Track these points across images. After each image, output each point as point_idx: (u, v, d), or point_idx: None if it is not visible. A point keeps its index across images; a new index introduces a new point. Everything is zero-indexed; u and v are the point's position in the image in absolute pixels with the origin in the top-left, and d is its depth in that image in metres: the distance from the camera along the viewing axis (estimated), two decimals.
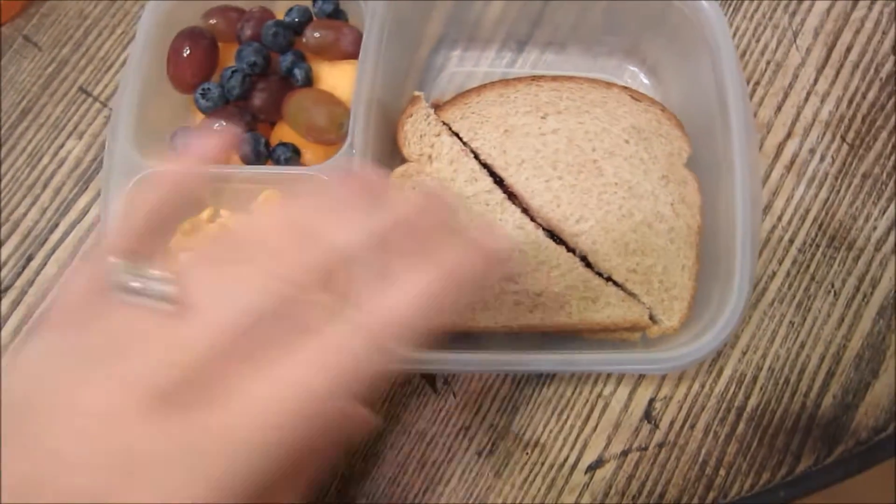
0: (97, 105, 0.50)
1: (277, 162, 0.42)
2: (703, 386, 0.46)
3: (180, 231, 0.42)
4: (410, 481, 0.44)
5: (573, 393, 0.46)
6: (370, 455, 0.45)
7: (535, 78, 0.43)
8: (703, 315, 0.40)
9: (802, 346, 0.46)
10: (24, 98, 0.50)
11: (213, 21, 0.44)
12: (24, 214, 0.48)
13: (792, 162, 0.48)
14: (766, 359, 0.46)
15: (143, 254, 0.23)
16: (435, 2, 0.47)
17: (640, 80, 0.48)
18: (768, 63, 0.50)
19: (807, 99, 0.49)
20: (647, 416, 0.45)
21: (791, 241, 0.47)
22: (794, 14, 0.51)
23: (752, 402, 0.45)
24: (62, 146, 0.49)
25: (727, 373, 0.46)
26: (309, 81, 0.43)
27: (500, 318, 0.41)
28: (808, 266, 0.47)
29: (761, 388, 0.45)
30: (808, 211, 0.48)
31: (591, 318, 0.40)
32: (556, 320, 0.40)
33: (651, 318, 0.41)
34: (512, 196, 0.42)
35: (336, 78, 0.43)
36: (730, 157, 0.39)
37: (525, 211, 0.42)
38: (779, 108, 0.49)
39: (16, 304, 0.47)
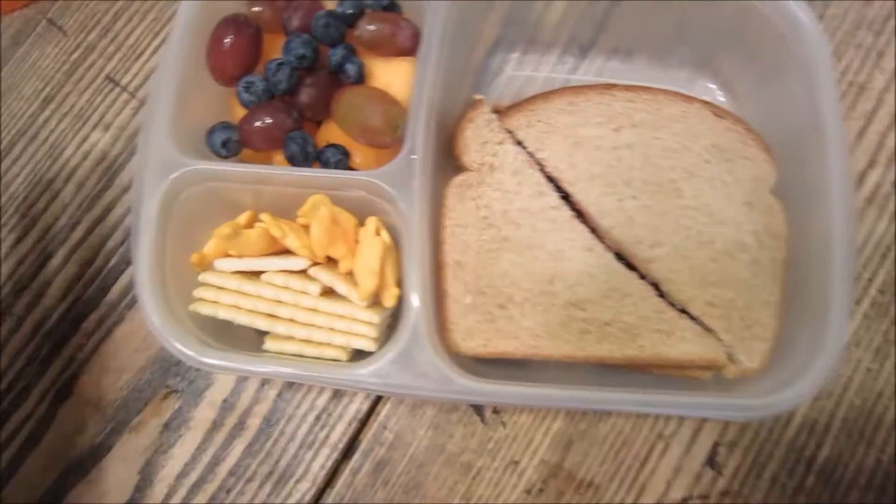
0: (125, 95, 0.47)
1: (326, 165, 0.38)
2: (770, 432, 0.42)
3: (216, 235, 0.38)
4: None
5: (632, 431, 0.42)
6: (411, 486, 0.41)
7: (607, 86, 0.39)
8: (788, 358, 0.36)
9: (880, 395, 0.42)
10: (48, 85, 0.47)
11: (257, 9, 0.40)
12: (44, 210, 0.45)
13: (874, 194, 0.45)
14: (841, 407, 0.42)
15: None
16: (493, 1, 0.44)
17: (715, 95, 0.44)
18: (850, 84, 0.46)
19: (891, 126, 0.46)
20: (711, 461, 0.42)
21: (870, 280, 0.43)
22: (878, 33, 0.47)
23: (824, 453, 0.42)
24: (86, 138, 0.46)
25: (797, 419, 0.42)
26: (361, 78, 0.39)
27: (565, 347, 0.37)
28: (889, 309, 0.43)
29: (834, 439, 0.42)
30: (889, 248, 0.44)
31: (664, 354, 0.37)
32: (626, 353, 0.37)
33: (729, 357, 0.37)
34: (579, 214, 0.39)
35: (390, 76, 0.40)
36: (825, 186, 0.36)
37: (593, 231, 0.38)
38: (860, 135, 0.46)
39: (32, 306, 0.43)
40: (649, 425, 0.42)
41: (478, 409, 0.42)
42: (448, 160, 0.41)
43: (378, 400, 0.42)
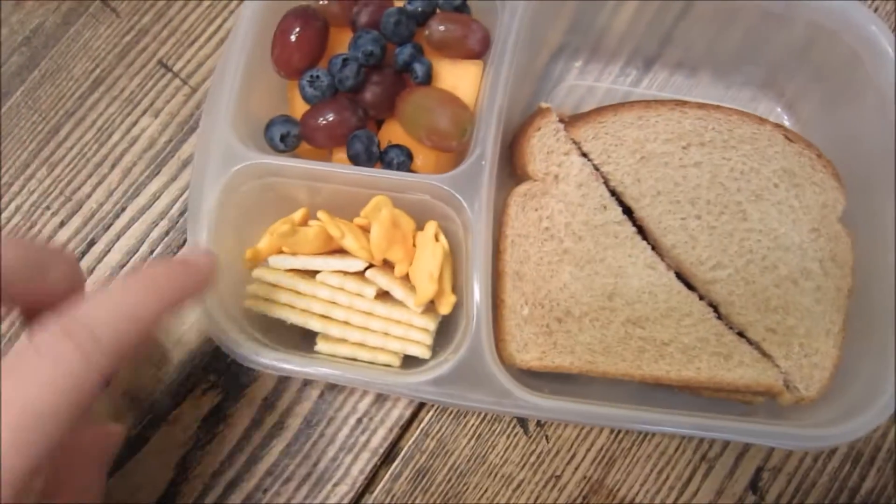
0: (177, 81, 0.46)
1: (388, 166, 0.38)
2: (815, 460, 0.42)
3: (269, 232, 0.37)
4: None
5: (676, 451, 0.42)
6: (451, 496, 0.40)
7: (679, 103, 0.39)
8: (846, 390, 0.36)
9: None
10: (98, 67, 0.46)
11: (325, 2, 0.40)
12: (89, 195, 0.44)
13: None
14: (886, 439, 0.42)
15: None
16: (563, 1, 0.43)
17: (779, 117, 0.44)
18: None
19: None
20: (753, 486, 0.41)
21: None
22: None
23: (868, 484, 0.41)
24: (135, 123, 0.45)
25: (843, 449, 0.42)
26: (429, 79, 0.38)
27: (621, 364, 0.36)
28: None
29: (878, 471, 0.41)
30: None
31: (721, 377, 0.36)
32: (683, 374, 0.36)
33: (786, 384, 0.37)
34: (640, 230, 0.38)
35: (457, 78, 0.39)
36: (894, 216, 0.35)
37: (653, 248, 0.38)
38: None
39: None
40: (693, 447, 0.41)
41: (522, 420, 0.41)
42: (504, 167, 0.40)
43: (421, 406, 0.42)
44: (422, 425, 0.41)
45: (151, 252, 0.43)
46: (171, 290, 0.27)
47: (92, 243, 0.43)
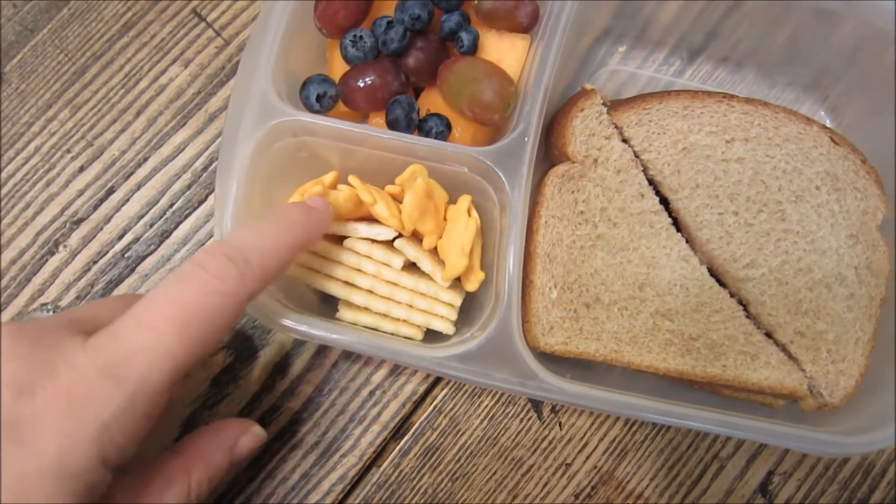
0: (210, 32, 0.44)
1: (426, 134, 0.37)
2: (826, 468, 0.41)
3: (299, 193, 0.36)
4: None
5: (688, 448, 0.41)
6: (459, 475, 0.40)
7: (726, 96, 0.38)
8: (870, 400, 0.36)
9: None
10: (130, 10, 0.44)
11: None
12: (112, 141, 0.43)
13: None
14: None
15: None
16: None
17: (821, 121, 0.43)
18: None
19: None
20: (763, 489, 0.41)
21: None
22: None
23: (877, 496, 0.41)
24: (164, 72, 0.44)
25: (855, 459, 0.41)
26: (474, 49, 0.37)
27: (647, 356, 0.36)
28: None
29: (889, 484, 0.41)
30: None
31: (746, 377, 0.36)
32: (708, 371, 0.36)
33: (810, 389, 0.36)
34: (675, 222, 0.37)
35: (503, 52, 0.38)
36: None
37: (687, 241, 0.37)
38: None
39: (88, 239, 0.41)
40: (706, 445, 0.41)
41: (536, 405, 0.41)
42: (539, 147, 0.39)
43: (436, 383, 0.41)
44: (435, 402, 0.41)
45: (171, 205, 0.42)
46: (304, 233, 0.31)
47: (111, 191, 0.42)
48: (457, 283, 0.37)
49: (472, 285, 0.36)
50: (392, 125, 0.36)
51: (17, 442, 0.22)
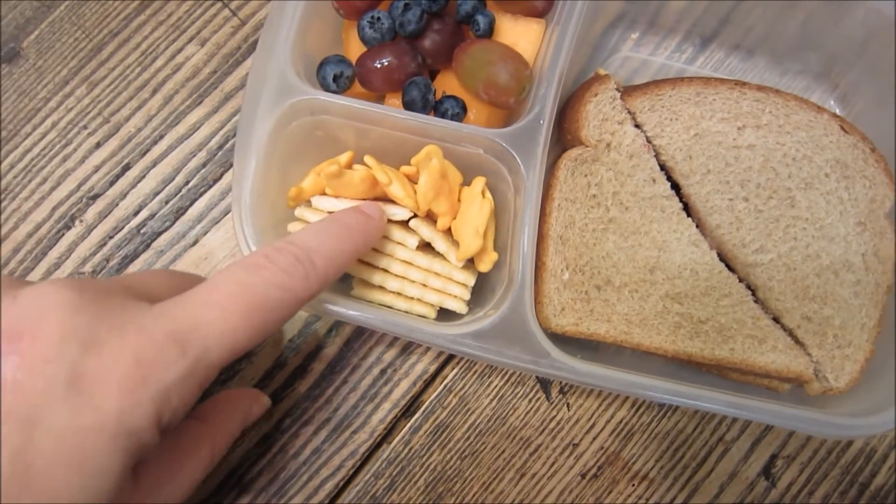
0: (226, 12, 0.44)
1: (442, 116, 0.37)
2: (829, 452, 0.42)
3: (315, 172, 0.37)
4: (505, 490, 0.40)
5: (693, 430, 0.42)
6: (467, 454, 0.41)
7: (738, 83, 0.38)
8: (875, 384, 0.36)
9: None
10: None
11: None
12: (128, 118, 0.43)
13: None
14: None
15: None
16: None
17: (831, 109, 0.43)
18: None
19: None
20: (766, 471, 0.42)
21: None
22: None
23: (878, 480, 0.42)
24: (180, 50, 0.44)
25: (858, 444, 0.42)
26: (490, 32, 0.38)
27: (656, 338, 0.36)
28: None
29: (890, 468, 0.42)
30: None
31: (753, 360, 0.36)
32: (716, 354, 0.36)
33: (816, 373, 0.37)
34: (686, 207, 0.38)
35: (518, 35, 0.38)
36: None
37: (697, 226, 0.38)
38: None
39: (104, 215, 0.42)
40: (711, 428, 0.42)
41: (545, 385, 0.41)
42: (554, 129, 0.40)
43: (447, 362, 0.42)
44: (445, 381, 0.41)
45: (186, 183, 0.43)
46: (363, 242, 0.32)
47: (127, 167, 0.42)
48: (469, 263, 0.38)
49: (485, 266, 0.37)
50: (408, 106, 0.36)
51: (80, 395, 0.23)
